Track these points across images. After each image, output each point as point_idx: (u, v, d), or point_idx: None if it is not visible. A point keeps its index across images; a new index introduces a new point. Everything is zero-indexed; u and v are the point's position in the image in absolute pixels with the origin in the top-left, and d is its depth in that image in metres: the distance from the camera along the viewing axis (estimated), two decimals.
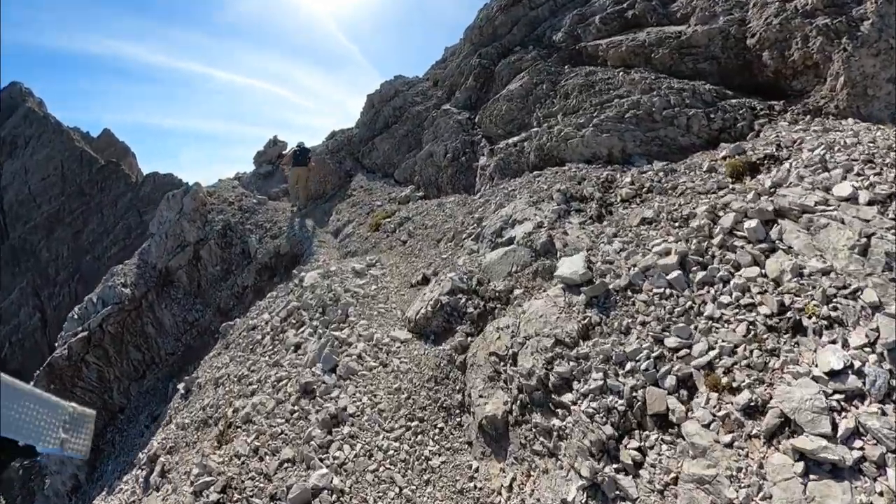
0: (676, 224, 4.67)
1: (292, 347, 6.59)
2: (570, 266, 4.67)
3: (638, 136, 6.93)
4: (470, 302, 5.32)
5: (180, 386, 8.65)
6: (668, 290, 3.96)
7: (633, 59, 9.42)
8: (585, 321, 4.09)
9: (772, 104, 7.19)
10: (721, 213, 4.52)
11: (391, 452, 4.15)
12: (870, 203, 3.80)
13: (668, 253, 4.24)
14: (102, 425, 13.48)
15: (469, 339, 5.04)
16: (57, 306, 37.84)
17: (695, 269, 4.04)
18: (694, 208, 4.73)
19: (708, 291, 3.82)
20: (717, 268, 3.96)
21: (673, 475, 3.01)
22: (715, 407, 3.04)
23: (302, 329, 6.92)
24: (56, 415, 1.54)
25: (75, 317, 15.69)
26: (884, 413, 2.64)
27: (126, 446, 12.32)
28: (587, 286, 4.42)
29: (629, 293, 4.14)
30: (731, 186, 5.07)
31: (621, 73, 8.81)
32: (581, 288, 4.45)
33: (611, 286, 4.26)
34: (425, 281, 6.84)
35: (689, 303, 3.79)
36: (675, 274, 4.04)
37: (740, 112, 6.95)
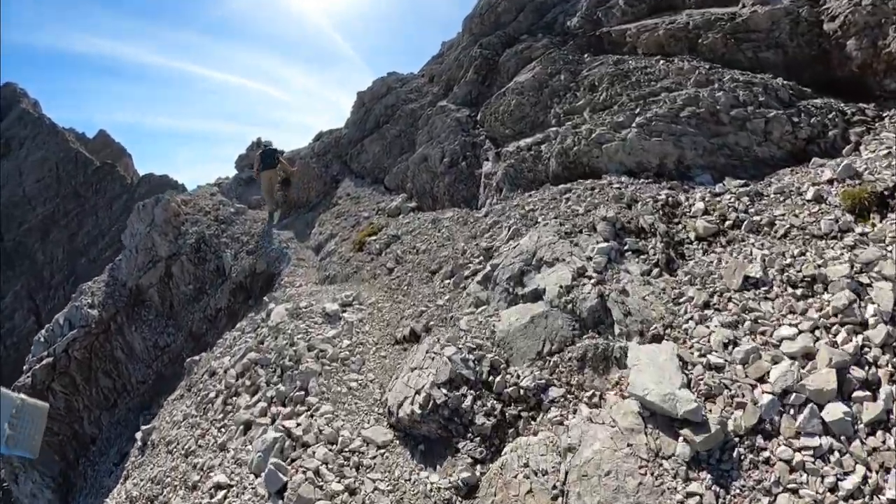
0: (798, 293, 2.97)
1: (241, 428, 5.09)
2: (655, 377, 2.76)
3: (700, 143, 5.16)
4: (479, 403, 3.43)
5: (138, 435, 7.49)
6: (824, 441, 2.26)
7: (672, 45, 7.66)
8: (693, 502, 2.33)
9: (862, 107, 5.50)
10: (865, 280, 2.83)
11: None
12: None
13: (809, 356, 2.55)
14: (74, 457, 13.01)
15: (478, 469, 3.18)
16: (52, 309, 36.93)
17: (857, 392, 2.37)
18: (819, 266, 3.02)
19: (884, 442, 2.17)
20: (890, 392, 2.30)
21: None
22: None
23: (255, 398, 5.36)
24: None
25: (41, 339, 14.38)
26: None
27: (96, 484, 11.67)
28: (693, 429, 2.50)
29: (760, 440, 2.40)
30: (857, 231, 3.36)
31: (661, 62, 7.06)
32: (681, 430, 2.53)
33: (730, 426, 2.49)
34: (413, 336, 5.18)
35: (863, 469, 2.12)
36: (835, 412, 2.31)
37: (829, 116, 5.19)
